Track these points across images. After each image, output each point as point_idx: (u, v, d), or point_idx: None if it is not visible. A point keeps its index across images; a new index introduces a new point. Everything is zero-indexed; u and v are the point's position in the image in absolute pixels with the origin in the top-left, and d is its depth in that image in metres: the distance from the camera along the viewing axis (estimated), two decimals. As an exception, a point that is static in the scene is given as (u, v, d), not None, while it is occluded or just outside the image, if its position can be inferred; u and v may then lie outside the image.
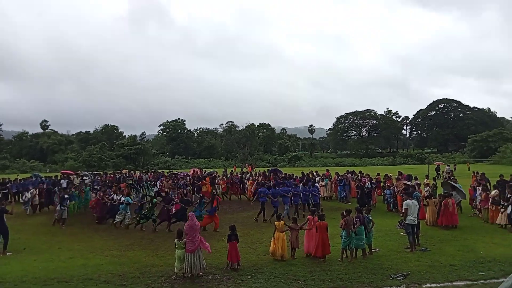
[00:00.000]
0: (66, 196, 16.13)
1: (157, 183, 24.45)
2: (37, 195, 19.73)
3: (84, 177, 28.44)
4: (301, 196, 17.51)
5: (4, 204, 12.00)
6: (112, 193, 17.34)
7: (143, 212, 15.14)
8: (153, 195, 17.70)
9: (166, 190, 18.64)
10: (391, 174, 22.48)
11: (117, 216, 15.56)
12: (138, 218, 15.09)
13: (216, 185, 24.07)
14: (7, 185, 22.86)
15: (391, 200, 18.52)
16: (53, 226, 15.82)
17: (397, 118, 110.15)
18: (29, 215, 18.65)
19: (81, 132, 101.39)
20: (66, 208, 15.95)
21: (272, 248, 10.46)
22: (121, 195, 16.30)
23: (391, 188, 18.97)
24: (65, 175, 28.57)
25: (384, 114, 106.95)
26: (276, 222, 10.85)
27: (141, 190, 21.32)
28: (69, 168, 58.25)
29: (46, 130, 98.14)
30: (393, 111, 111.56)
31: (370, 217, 11.12)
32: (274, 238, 10.52)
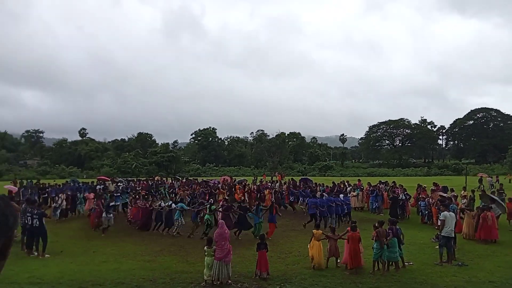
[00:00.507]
0: (111, 204, 16.27)
1: (175, 190, 24.82)
2: (64, 201, 19.62)
3: (119, 183, 29.36)
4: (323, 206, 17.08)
5: (44, 208, 12.56)
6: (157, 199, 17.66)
7: (206, 220, 14.75)
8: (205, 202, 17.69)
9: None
10: (425, 185, 21.76)
11: (175, 224, 15.25)
12: (206, 229, 14.46)
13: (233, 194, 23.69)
14: (47, 190, 23.92)
15: (426, 212, 17.92)
16: (99, 233, 15.67)
17: (433, 128, 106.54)
18: (63, 220, 18.90)
19: (116, 139, 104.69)
20: (112, 216, 15.97)
21: (310, 254, 10.59)
22: (171, 202, 16.45)
23: (426, 199, 18.38)
24: (100, 181, 29.61)
25: (419, 123, 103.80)
26: (314, 230, 11.01)
27: (159, 197, 21.04)
28: (104, 174, 60.26)
29: (84, 138, 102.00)
30: (428, 121, 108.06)
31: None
32: (309, 245, 10.65)
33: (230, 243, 9.69)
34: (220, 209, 15.43)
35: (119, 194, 20.99)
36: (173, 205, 15.92)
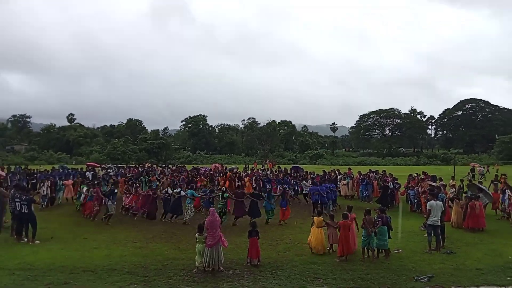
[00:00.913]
0: (115, 190, 15.60)
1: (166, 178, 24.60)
2: (48, 188, 18.75)
3: (109, 170, 29.14)
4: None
5: (32, 194, 12.39)
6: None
7: (219, 207, 14.54)
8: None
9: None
10: (415, 174, 22.01)
11: (186, 212, 15.11)
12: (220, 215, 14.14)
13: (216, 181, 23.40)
14: (35, 175, 23.64)
15: (415, 200, 18.18)
16: (97, 221, 15.25)
17: (422, 118, 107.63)
18: (51, 208, 18.54)
19: (105, 125, 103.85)
20: (114, 203, 15.34)
21: (309, 240, 10.90)
22: (179, 188, 16.20)
23: (415, 188, 18.62)
24: (90, 167, 29.37)
25: (409, 113, 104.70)
26: (315, 218, 11.24)
27: (139, 185, 20.15)
28: (94, 161, 59.78)
29: (73, 123, 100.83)
30: (418, 111, 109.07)
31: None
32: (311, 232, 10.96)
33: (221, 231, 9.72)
34: (233, 197, 15.41)
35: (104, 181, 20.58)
36: (182, 193, 15.68)
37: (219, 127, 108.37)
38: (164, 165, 37.40)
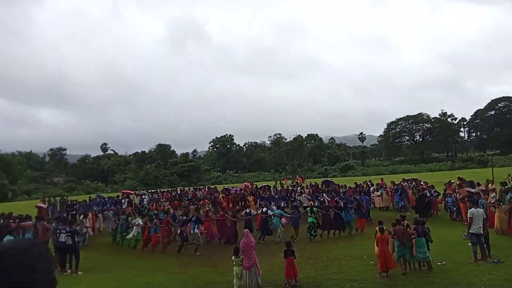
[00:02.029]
0: (186, 218, 15.04)
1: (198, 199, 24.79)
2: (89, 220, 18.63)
3: (143, 196, 29.81)
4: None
5: (75, 226, 12.86)
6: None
7: (310, 222, 14.69)
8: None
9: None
10: (452, 181, 21.29)
11: (278, 230, 14.93)
12: (309, 231, 14.59)
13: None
14: (75, 206, 24.51)
15: (454, 208, 17.54)
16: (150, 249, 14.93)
17: (453, 120, 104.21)
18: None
19: (137, 152, 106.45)
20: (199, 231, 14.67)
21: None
22: (265, 208, 15.86)
23: (453, 195, 17.99)
24: (125, 195, 30.17)
25: (439, 117, 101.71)
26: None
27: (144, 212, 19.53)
28: (128, 188, 61.32)
29: (106, 152, 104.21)
30: (448, 113, 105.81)
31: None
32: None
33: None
34: (321, 210, 15.56)
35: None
36: (269, 212, 15.45)
37: (246, 146, 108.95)
38: (196, 187, 37.87)
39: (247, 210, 16.22)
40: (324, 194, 20.54)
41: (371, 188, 23.28)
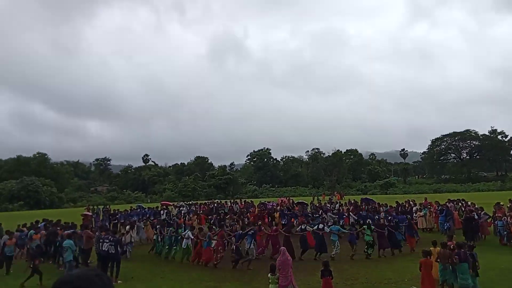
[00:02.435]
0: (242, 232, 14.76)
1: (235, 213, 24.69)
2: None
3: (181, 208, 30.37)
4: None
5: (118, 236, 13.29)
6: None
7: (367, 241, 14.89)
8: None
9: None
10: (502, 203, 20.06)
11: (335, 247, 14.81)
12: (366, 248, 14.82)
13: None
14: (117, 216, 25.38)
15: (505, 232, 16.46)
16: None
17: (504, 138, 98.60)
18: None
19: (176, 164, 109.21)
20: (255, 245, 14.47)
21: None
22: (322, 225, 15.69)
23: (503, 218, 16.90)
24: (164, 206, 30.87)
25: (488, 134, 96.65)
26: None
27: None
28: (166, 198, 62.82)
29: (147, 163, 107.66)
30: (498, 131, 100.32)
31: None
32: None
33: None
34: (377, 229, 15.45)
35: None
36: (326, 229, 15.32)
37: (284, 160, 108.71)
38: (233, 201, 38.10)
39: (303, 226, 16.16)
40: (380, 214, 20.07)
41: (414, 208, 22.37)
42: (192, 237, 15.25)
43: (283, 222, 20.71)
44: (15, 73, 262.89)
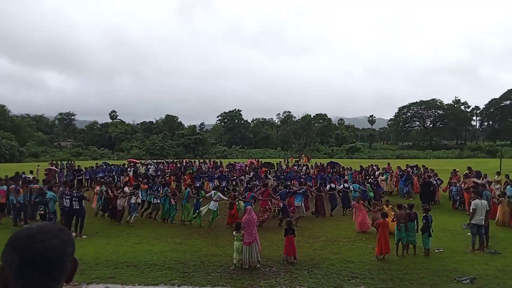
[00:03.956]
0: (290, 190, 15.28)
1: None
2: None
3: (149, 166, 30.10)
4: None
5: (82, 191, 13.10)
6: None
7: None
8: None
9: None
10: (458, 170, 21.19)
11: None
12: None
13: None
14: (82, 172, 24.90)
15: (458, 197, 17.53)
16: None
17: (466, 108, 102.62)
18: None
19: (145, 121, 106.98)
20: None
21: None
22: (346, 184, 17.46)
23: (458, 184, 17.95)
24: (131, 163, 30.49)
25: (452, 103, 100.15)
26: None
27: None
28: (134, 156, 61.96)
29: (114, 120, 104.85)
30: (462, 101, 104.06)
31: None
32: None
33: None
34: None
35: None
36: (351, 187, 17.14)
37: (254, 122, 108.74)
38: (202, 161, 38.09)
39: (332, 185, 17.34)
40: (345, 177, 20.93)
41: (377, 172, 23.26)
42: (226, 198, 14.98)
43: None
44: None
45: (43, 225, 1.38)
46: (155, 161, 38.50)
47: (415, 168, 23.84)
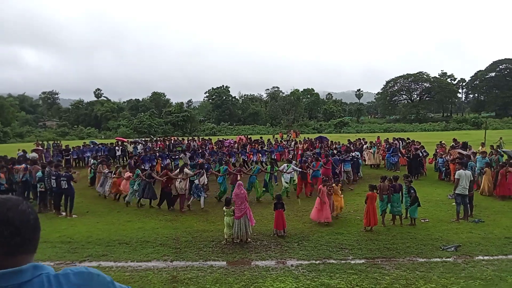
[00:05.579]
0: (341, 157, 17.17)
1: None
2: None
3: (137, 144, 29.84)
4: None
5: (70, 171, 12.98)
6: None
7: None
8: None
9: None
10: (444, 142, 21.54)
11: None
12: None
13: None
14: (69, 152, 24.59)
15: (443, 168, 17.90)
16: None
17: (453, 81, 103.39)
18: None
19: (131, 99, 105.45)
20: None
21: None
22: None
23: (444, 156, 18.29)
24: (119, 142, 30.18)
25: (438, 76, 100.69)
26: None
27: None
28: (121, 135, 61.34)
29: (100, 98, 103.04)
30: (448, 74, 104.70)
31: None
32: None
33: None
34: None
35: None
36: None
37: (242, 98, 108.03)
38: (190, 138, 37.92)
39: (354, 154, 18.45)
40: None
41: (364, 146, 23.50)
42: (299, 169, 15.18)
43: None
44: None
45: (8, 196, 1.44)
46: (143, 139, 38.21)
47: (402, 141, 24.14)
